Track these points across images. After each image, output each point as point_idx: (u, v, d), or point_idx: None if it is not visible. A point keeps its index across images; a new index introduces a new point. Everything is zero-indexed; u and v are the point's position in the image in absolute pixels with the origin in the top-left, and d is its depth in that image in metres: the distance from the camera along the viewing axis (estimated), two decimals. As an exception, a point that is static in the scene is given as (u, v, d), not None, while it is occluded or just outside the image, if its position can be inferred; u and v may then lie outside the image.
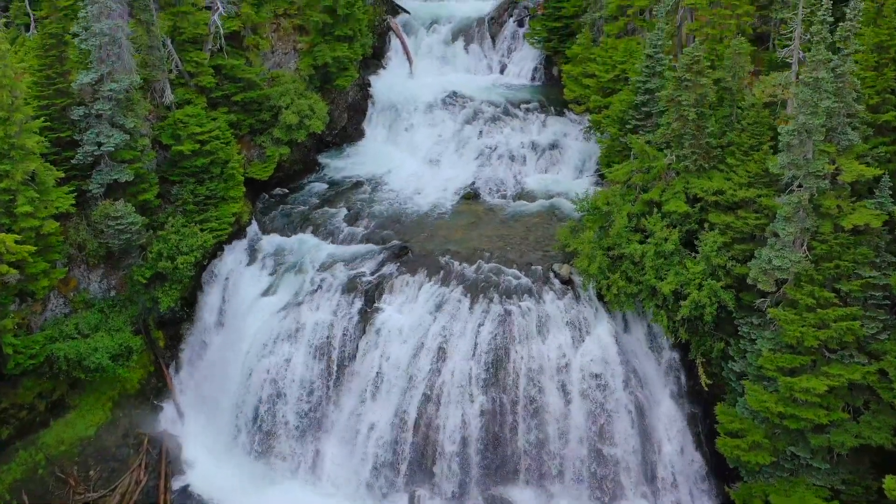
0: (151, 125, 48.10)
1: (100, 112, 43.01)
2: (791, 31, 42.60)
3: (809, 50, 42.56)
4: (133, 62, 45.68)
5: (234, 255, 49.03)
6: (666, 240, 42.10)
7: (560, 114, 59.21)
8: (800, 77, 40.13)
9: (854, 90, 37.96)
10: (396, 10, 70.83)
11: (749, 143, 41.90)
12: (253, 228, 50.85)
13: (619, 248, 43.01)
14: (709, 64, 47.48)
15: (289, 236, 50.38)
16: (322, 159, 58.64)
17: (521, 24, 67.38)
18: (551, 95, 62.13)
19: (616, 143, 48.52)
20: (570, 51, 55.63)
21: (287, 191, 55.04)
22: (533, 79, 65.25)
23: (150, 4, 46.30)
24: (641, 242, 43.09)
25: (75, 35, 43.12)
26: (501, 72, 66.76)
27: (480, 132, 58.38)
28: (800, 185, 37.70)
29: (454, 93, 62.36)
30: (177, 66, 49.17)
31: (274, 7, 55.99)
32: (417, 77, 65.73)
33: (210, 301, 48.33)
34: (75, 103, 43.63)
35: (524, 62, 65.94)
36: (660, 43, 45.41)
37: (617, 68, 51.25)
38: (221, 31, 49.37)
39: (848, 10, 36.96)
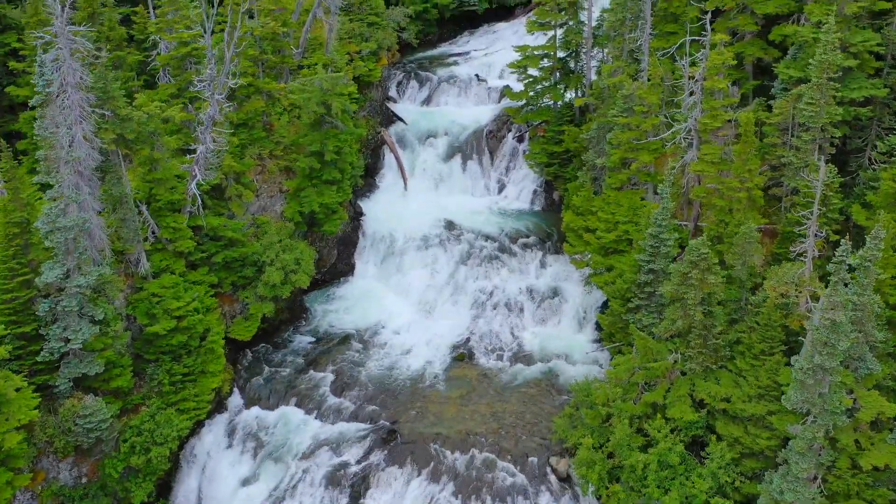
0: (126, 297, 45.47)
1: (66, 308, 40.29)
2: (805, 228, 39.83)
3: (823, 251, 39.99)
4: (105, 238, 43.18)
5: (213, 435, 46.35)
6: (670, 450, 39.30)
7: (560, 251, 56.38)
8: (816, 292, 37.44)
9: (874, 315, 35.22)
10: (392, 119, 68.05)
11: (760, 346, 39.13)
12: (234, 399, 48.25)
13: (620, 457, 40.20)
14: (716, 236, 45.09)
15: (272, 409, 47.69)
16: (310, 303, 55.90)
17: (520, 139, 64.49)
18: (551, 224, 59.42)
19: (618, 319, 45.84)
20: (572, 200, 52.74)
21: (271, 347, 52.30)
22: (532, 202, 62.37)
23: (122, 177, 43.55)
24: (644, 447, 40.34)
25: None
26: (499, 192, 63.87)
27: (476, 275, 55.62)
28: (814, 419, 34.88)
29: (449, 222, 59.56)
30: (153, 232, 46.50)
31: (259, 149, 53.32)
32: (412, 198, 62.95)
33: (187, 486, 45.63)
34: (41, 295, 40.95)
35: (523, 183, 63.04)
36: (664, 223, 42.60)
37: (619, 228, 48.48)
38: (200, 201, 46.61)
39: (868, 238, 34.05)
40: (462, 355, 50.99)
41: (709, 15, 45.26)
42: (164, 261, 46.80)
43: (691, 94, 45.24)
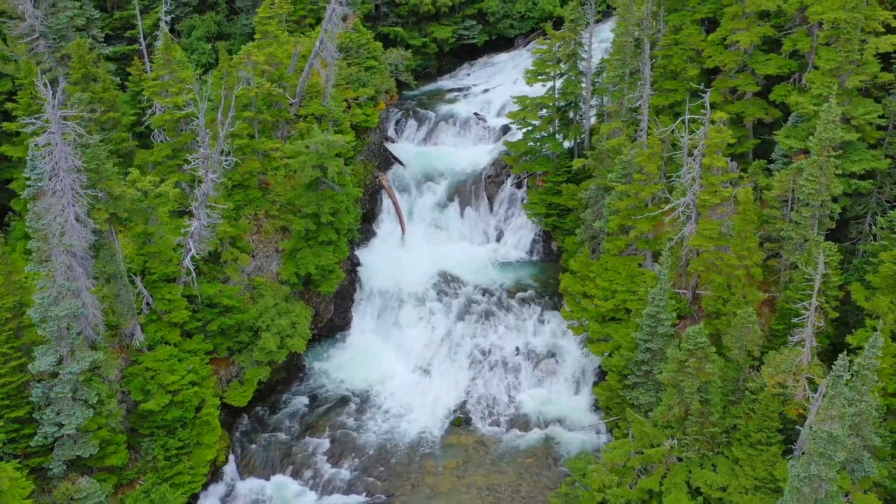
0: (120, 369, 45.27)
1: (60, 394, 40.07)
2: (804, 319, 39.51)
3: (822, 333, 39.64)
4: (99, 314, 42.96)
5: (207, 509, 46.27)
6: (666, 540, 39.21)
7: (557, 305, 56.08)
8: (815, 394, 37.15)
9: (872, 418, 34.96)
10: (390, 160, 67.49)
11: (757, 436, 38.90)
12: (229, 468, 48.04)
13: (615, 545, 40.13)
14: (714, 312, 44.85)
15: (268, 478, 47.61)
16: (306, 360, 55.53)
17: (519, 186, 63.95)
18: (549, 276, 59.05)
19: (615, 394, 45.65)
20: (569, 264, 52.41)
21: (267, 409, 52.06)
22: (531, 252, 61.92)
23: (116, 254, 43.25)
24: (640, 536, 40.25)
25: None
26: (498, 240, 63.36)
27: (473, 332, 55.30)
28: (811, 523, 34.68)
29: (447, 275, 59.23)
30: (147, 304, 46.24)
31: (255, 209, 52.97)
32: (409, 246, 62.49)
33: (181, 564, 45.50)
34: (34, 380, 40.74)
35: (522, 231, 62.54)
36: (662, 303, 42.27)
37: (617, 297, 48.18)
38: (194, 274, 46.33)
39: (866, 346, 33.73)
40: (459, 420, 50.79)
41: (708, 94, 44.64)
42: (159, 331, 46.55)
43: (690, 170, 44.77)
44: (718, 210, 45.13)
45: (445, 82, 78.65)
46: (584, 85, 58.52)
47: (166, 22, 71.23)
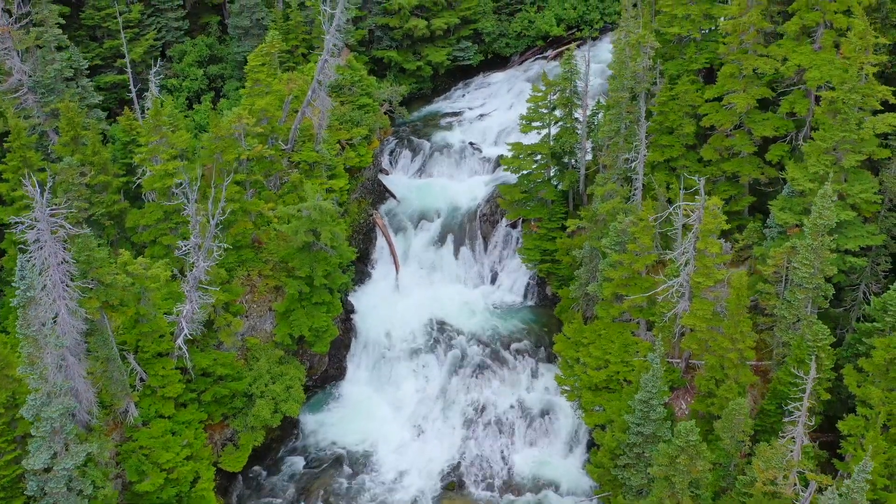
0: (116, 447, 45.53)
1: (55, 489, 40.29)
2: (796, 419, 39.63)
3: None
4: (92, 398, 43.26)
5: (203, 584, 46.75)
6: None
7: (551, 359, 56.25)
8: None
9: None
10: (384, 193, 67.10)
11: (747, 529, 39.40)
12: (225, 537, 48.60)
13: None
14: (707, 392, 45.05)
15: (264, 551, 48.19)
16: (301, 413, 55.51)
17: (514, 226, 63.67)
18: (544, 324, 59.14)
19: (607, 472, 45.98)
20: (565, 327, 52.42)
21: (263, 471, 52.36)
22: (525, 296, 61.84)
23: (108, 339, 43.20)
24: None
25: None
26: (493, 281, 63.22)
27: (467, 387, 55.47)
28: None
29: (441, 323, 59.25)
30: (141, 379, 46.34)
31: (248, 269, 52.78)
32: (404, 290, 62.32)
33: None
34: (30, 473, 40.94)
35: (517, 274, 62.40)
36: (654, 390, 42.36)
37: (610, 367, 48.31)
38: (186, 351, 46.30)
39: (856, 470, 33.92)
40: (452, 484, 51.16)
41: (703, 181, 44.15)
42: (154, 405, 46.71)
43: (684, 252, 44.57)
44: (712, 294, 45.01)
45: (440, 104, 77.69)
46: (579, 131, 57.91)
47: (156, 47, 70.79)
